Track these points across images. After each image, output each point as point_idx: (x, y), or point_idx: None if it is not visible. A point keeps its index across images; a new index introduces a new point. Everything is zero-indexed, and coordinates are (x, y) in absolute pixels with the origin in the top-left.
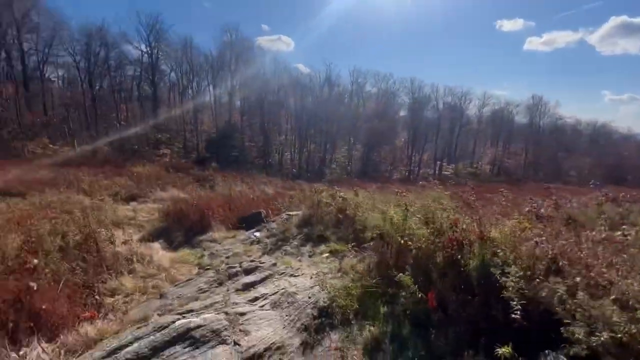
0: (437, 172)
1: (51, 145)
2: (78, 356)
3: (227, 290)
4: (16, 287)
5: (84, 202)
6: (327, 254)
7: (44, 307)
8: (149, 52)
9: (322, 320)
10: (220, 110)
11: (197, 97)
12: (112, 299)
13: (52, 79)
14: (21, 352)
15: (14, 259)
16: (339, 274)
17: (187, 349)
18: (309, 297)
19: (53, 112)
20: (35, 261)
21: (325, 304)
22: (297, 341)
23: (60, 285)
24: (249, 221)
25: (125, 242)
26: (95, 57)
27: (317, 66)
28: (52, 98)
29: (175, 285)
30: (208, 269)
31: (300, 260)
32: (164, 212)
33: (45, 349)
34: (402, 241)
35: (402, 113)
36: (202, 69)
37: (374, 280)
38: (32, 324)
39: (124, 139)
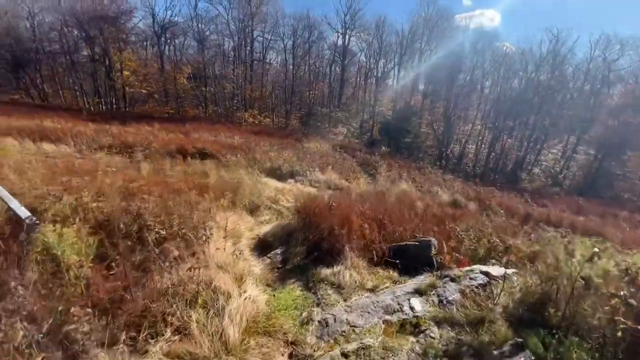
0: None
1: (258, 116)
2: None
3: None
4: None
5: (240, 174)
6: None
7: None
8: (343, 32)
9: None
10: (402, 92)
11: (380, 78)
12: None
13: (271, 62)
14: None
15: None
16: None
17: None
18: None
19: (265, 89)
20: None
21: None
22: None
23: None
24: (408, 257)
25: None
26: (299, 39)
27: (533, 39)
28: (267, 77)
29: None
30: None
31: None
32: (296, 208)
33: None
34: None
35: None
36: (390, 49)
37: None
38: None
39: (311, 116)
